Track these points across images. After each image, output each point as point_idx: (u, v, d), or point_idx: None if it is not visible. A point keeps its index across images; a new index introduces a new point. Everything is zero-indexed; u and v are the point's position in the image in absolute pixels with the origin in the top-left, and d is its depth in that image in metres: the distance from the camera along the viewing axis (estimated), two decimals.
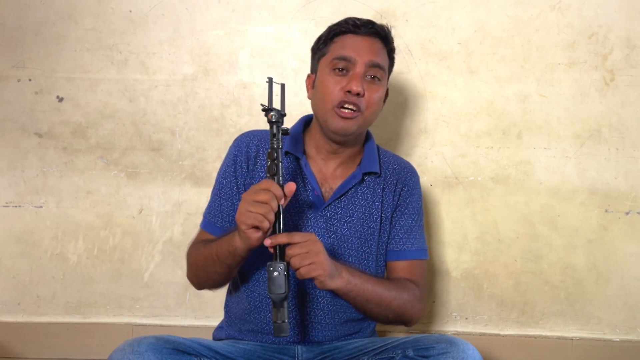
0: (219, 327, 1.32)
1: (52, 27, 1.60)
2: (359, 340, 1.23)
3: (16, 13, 1.60)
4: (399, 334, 1.62)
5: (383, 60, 1.21)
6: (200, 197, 1.62)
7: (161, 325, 1.64)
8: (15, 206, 1.63)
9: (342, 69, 1.18)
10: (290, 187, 1.05)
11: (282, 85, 1.13)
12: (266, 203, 1.01)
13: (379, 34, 1.21)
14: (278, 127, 1.07)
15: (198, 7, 1.60)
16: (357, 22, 1.19)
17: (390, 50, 1.24)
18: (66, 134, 1.62)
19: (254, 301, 1.21)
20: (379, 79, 1.20)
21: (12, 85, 1.61)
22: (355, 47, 1.18)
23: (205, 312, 1.65)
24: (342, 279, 1.09)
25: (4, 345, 1.63)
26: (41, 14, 1.60)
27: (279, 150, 1.06)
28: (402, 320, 1.21)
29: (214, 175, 1.33)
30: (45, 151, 1.62)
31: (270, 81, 1.09)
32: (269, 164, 1.06)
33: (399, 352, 1.09)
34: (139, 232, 1.64)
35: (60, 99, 1.62)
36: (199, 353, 1.08)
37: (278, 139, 1.06)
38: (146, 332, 1.61)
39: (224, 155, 1.27)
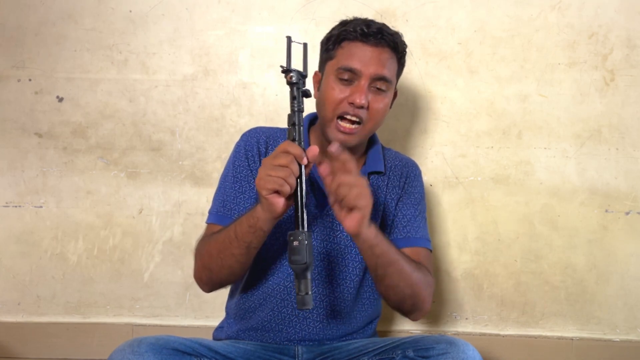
0: (219, 327, 1.32)
1: (52, 27, 1.60)
2: (359, 340, 1.23)
3: (16, 13, 1.59)
4: (399, 335, 1.62)
5: (390, 70, 1.18)
6: (200, 197, 1.62)
7: (161, 325, 1.64)
8: (15, 206, 1.63)
9: (347, 79, 1.16)
10: (314, 150, 0.99)
11: (305, 45, 1.08)
12: (286, 166, 0.97)
13: (388, 44, 1.17)
14: (299, 88, 1.01)
15: (198, 7, 1.60)
16: (366, 31, 1.15)
17: (400, 57, 1.22)
18: (66, 134, 1.62)
19: (256, 298, 1.22)
20: (384, 90, 1.18)
21: (12, 85, 1.61)
22: (362, 58, 1.15)
23: (205, 312, 1.65)
24: (373, 229, 1.05)
25: (4, 345, 1.63)
26: (41, 14, 1.60)
27: (300, 113, 1.01)
28: (415, 300, 1.15)
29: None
30: (45, 151, 1.62)
31: (289, 40, 1.02)
32: (289, 128, 1.01)
33: (399, 352, 1.08)
34: (139, 232, 1.64)
35: (60, 99, 1.62)
36: (199, 353, 1.08)
37: (299, 102, 1.01)
38: (146, 332, 1.61)
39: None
